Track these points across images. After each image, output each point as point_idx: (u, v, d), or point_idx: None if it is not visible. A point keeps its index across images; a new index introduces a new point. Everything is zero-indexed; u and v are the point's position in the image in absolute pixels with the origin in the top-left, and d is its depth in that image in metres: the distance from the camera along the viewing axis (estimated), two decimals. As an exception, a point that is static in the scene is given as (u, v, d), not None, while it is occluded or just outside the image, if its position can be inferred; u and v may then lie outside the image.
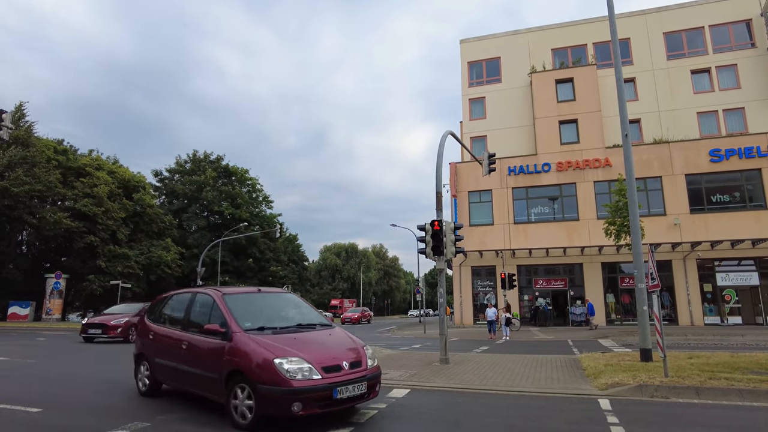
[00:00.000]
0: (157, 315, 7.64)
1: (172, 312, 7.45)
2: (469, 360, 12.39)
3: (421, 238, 12.18)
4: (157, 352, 7.12)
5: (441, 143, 13.05)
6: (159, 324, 7.40)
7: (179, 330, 6.79)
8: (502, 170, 30.24)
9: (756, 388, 7.17)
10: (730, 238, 26.01)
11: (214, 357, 5.86)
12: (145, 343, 7.54)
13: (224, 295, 6.50)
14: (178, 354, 6.53)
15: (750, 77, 30.13)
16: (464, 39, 36.00)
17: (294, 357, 5.36)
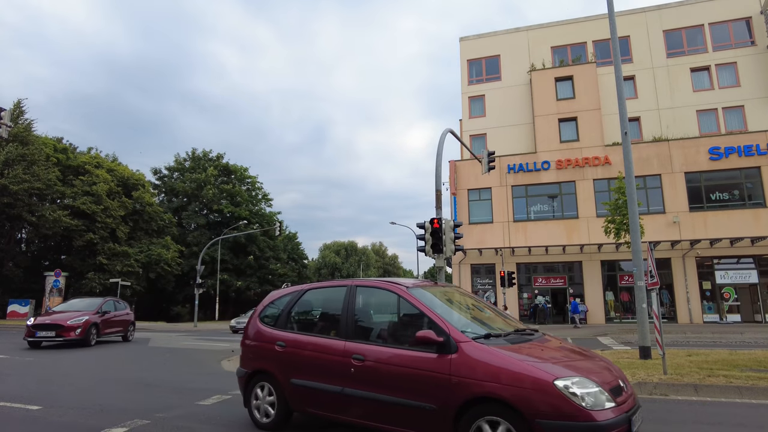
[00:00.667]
0: (285, 318, 5.69)
1: (317, 313, 5.83)
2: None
3: (420, 236, 12.20)
4: (294, 369, 5.20)
5: (440, 141, 13.05)
6: (291, 330, 5.56)
7: (339, 339, 4.97)
8: (502, 168, 30.22)
9: (754, 385, 7.19)
10: (729, 236, 26.03)
11: (425, 378, 4.20)
12: (266, 356, 5.50)
13: (410, 289, 4.89)
14: (342, 373, 4.77)
15: (750, 75, 30.11)
16: (464, 37, 35.95)
17: (576, 377, 3.79)
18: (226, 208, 51.37)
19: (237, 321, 26.80)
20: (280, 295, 6.09)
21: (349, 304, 5.11)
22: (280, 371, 5.31)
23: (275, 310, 5.90)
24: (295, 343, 5.32)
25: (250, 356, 5.78)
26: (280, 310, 5.80)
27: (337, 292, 5.44)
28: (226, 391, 7.87)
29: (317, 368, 5.01)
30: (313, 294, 5.93)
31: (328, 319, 5.51)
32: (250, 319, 6.05)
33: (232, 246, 49.99)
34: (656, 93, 31.41)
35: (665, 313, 27.34)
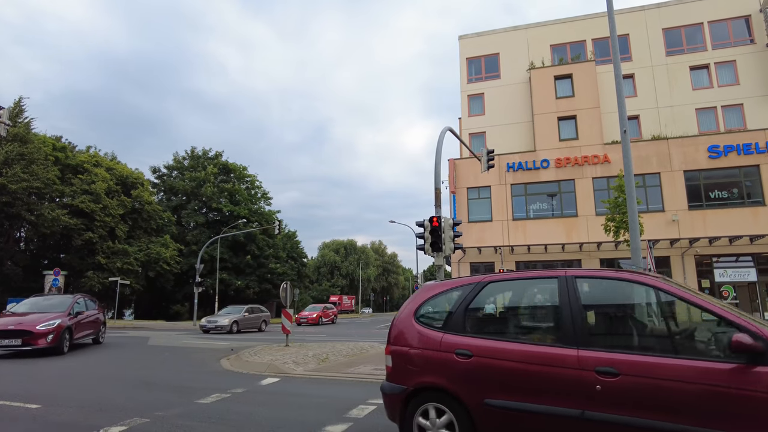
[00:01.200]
0: (461, 318, 4.43)
1: (515, 313, 4.74)
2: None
3: (419, 235, 12.21)
4: (491, 385, 4.01)
5: (440, 140, 13.05)
6: (477, 335, 4.31)
7: (565, 347, 3.84)
8: (501, 166, 30.20)
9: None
10: (728, 234, 26.04)
11: (726, 397, 3.26)
12: (439, 368, 4.25)
13: (667, 281, 3.98)
14: (580, 391, 3.68)
15: (749, 73, 30.11)
16: (463, 35, 35.91)
17: None
18: (225, 207, 51.36)
19: (208, 320, 25.34)
20: (443, 288, 4.77)
21: (570, 301, 4.02)
22: (465, 388, 4.09)
23: (439, 308, 4.72)
24: (489, 352, 4.08)
25: (409, 368, 4.42)
26: (450, 308, 4.56)
27: (543, 286, 4.48)
28: (226, 389, 7.87)
29: (533, 385, 3.84)
30: (498, 288, 4.75)
31: (538, 321, 4.49)
32: (400, 319, 4.71)
33: (231, 245, 49.98)
34: (655, 91, 31.41)
35: (665, 311, 27.36)
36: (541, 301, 4.54)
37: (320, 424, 5.64)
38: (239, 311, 26.57)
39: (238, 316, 25.72)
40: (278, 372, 9.96)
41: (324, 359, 11.63)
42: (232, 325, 24.68)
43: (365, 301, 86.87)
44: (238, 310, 27.02)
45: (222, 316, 25.47)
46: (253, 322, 26.83)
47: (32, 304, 14.34)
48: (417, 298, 4.82)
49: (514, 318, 4.72)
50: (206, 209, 53.41)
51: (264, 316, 28.20)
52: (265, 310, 29.14)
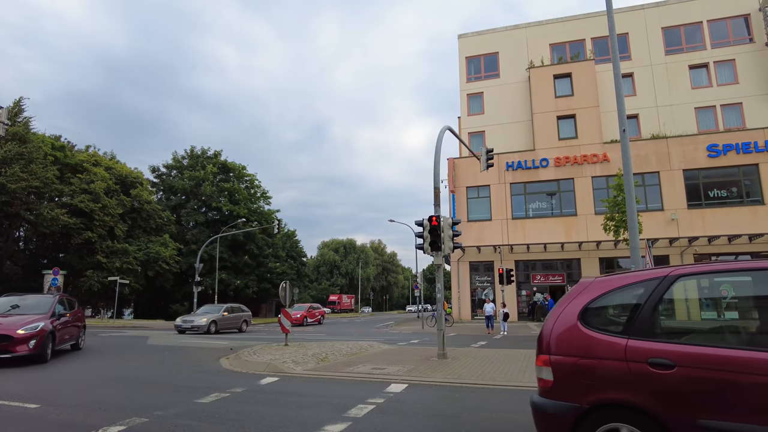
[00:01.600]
0: (647, 319, 3.60)
1: (726, 314, 4.01)
2: (467, 355, 12.44)
3: (418, 234, 12.20)
4: (710, 403, 3.23)
5: (439, 139, 13.04)
6: (672, 340, 3.54)
7: None
8: (500, 166, 30.22)
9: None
10: (727, 233, 26.09)
11: None
12: (625, 381, 3.47)
13: None
14: None
15: (748, 72, 30.14)
16: (462, 34, 35.92)
17: None
18: (224, 206, 51.33)
19: (183, 320, 23.78)
20: (616, 284, 3.86)
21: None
22: (667, 406, 3.31)
23: (615, 309, 3.93)
24: (699, 360, 3.28)
25: (583, 382, 3.63)
26: (632, 308, 3.72)
27: (755, 278, 3.66)
28: (225, 389, 7.87)
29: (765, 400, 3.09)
30: (693, 283, 3.86)
31: (759, 321, 3.71)
32: (559, 322, 3.90)
33: (230, 244, 49.96)
34: (655, 90, 31.42)
35: (663, 310, 27.39)
36: (754, 297, 3.78)
37: (319, 424, 5.64)
38: (218, 310, 24.93)
39: (216, 315, 24.06)
40: (277, 371, 9.96)
41: (323, 358, 11.63)
42: (210, 325, 23.01)
43: (365, 300, 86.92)
44: (216, 309, 25.41)
45: (199, 316, 23.87)
46: (232, 322, 25.32)
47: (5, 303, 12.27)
48: (580, 297, 3.91)
49: (723, 319, 3.94)
50: (205, 208, 53.37)
51: (245, 315, 26.63)
52: (246, 310, 27.57)
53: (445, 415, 6.34)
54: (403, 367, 10.28)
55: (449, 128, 13.81)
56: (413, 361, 11.13)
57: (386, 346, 15.12)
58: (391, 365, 10.54)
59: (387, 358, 11.94)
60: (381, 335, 22.86)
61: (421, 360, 11.37)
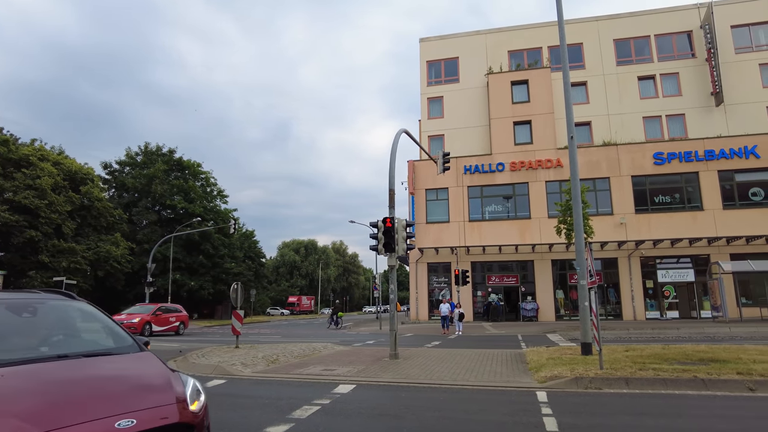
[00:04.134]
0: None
1: None
2: (419, 355, 12.57)
3: (373, 235, 12.26)
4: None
5: (394, 142, 13.14)
6: None
7: None
8: (459, 169, 30.72)
9: (678, 377, 7.64)
10: (670, 237, 27.42)
11: None
12: None
13: None
14: None
15: (690, 85, 31.78)
16: (424, 38, 36.29)
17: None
18: (179, 204, 49.89)
19: None
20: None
21: None
22: None
23: None
24: None
25: None
26: None
27: None
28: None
29: None
30: None
31: None
32: None
33: (185, 244, 48.62)
34: (606, 99, 32.69)
35: (612, 311, 28.54)
36: None
37: (262, 425, 5.58)
38: (148, 311, 23.56)
39: (147, 316, 22.74)
40: (225, 374, 9.79)
41: (274, 360, 11.51)
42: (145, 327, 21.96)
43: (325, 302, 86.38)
44: (146, 309, 23.88)
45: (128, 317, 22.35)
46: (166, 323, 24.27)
47: None
48: None
49: None
50: (159, 207, 51.72)
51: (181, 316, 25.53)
52: (182, 310, 26.22)
53: (389, 414, 6.39)
54: (354, 368, 10.29)
55: (405, 131, 13.94)
56: (365, 362, 11.16)
57: (340, 348, 15.08)
58: (342, 366, 10.53)
59: (339, 359, 11.92)
60: (337, 336, 22.80)
61: (372, 361, 11.41)
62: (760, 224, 26.62)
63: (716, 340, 15.77)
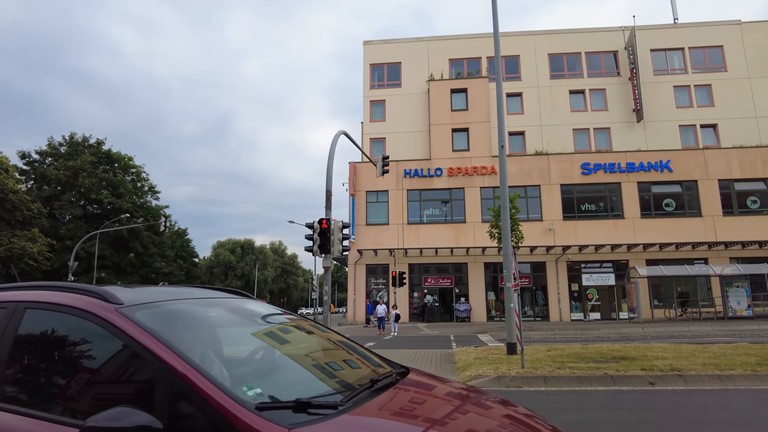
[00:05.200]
0: None
1: None
2: (353, 356, 12.62)
3: (309, 236, 12.20)
4: None
5: (333, 143, 13.16)
6: None
7: None
8: (399, 172, 31.16)
9: (591, 374, 8.19)
10: (594, 243, 29.19)
11: None
12: None
13: None
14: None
15: (615, 101, 34.03)
16: (368, 41, 36.51)
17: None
18: (106, 199, 47.10)
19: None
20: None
21: None
22: None
23: None
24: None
25: None
26: None
27: None
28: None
29: None
30: None
31: None
32: None
33: (112, 241, 46.00)
34: (540, 110, 34.30)
35: (540, 312, 29.96)
36: None
37: None
38: None
39: None
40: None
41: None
42: None
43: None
44: None
45: None
46: None
47: None
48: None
49: None
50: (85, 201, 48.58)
51: None
52: None
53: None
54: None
55: (344, 133, 13.99)
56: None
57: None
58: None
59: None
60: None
61: (305, 362, 11.34)
62: (671, 232, 28.94)
63: (630, 340, 16.96)
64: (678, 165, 30.10)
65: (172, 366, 1.76)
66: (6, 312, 2.18)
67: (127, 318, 1.95)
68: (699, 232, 29.06)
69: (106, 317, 1.96)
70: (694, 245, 28.77)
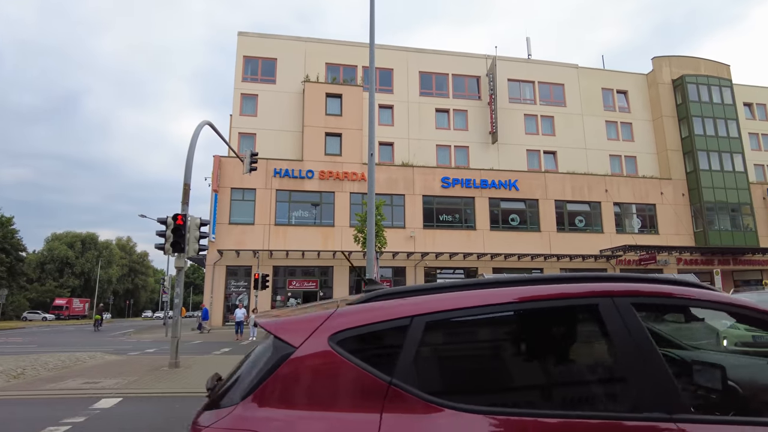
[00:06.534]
0: None
1: None
2: (204, 363, 11.89)
3: (160, 233, 11.21)
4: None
5: (195, 133, 12.31)
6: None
7: None
8: (269, 171, 30.29)
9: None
10: (450, 251, 31.39)
11: None
12: None
13: None
14: None
15: (475, 123, 37.11)
16: (243, 32, 35.00)
17: None
18: None
19: None
20: None
21: None
22: None
23: None
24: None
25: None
26: None
27: None
28: None
29: None
30: None
31: None
32: None
33: None
34: (408, 124, 35.99)
35: (398, 316, 31.22)
36: None
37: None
38: None
39: None
40: (-59, 394, 7.78)
41: (18, 375, 9.58)
42: None
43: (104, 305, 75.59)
44: None
45: None
46: None
47: None
48: None
49: None
50: None
51: None
52: None
53: (155, 428, 5.87)
54: (124, 379, 9.20)
55: (209, 123, 13.18)
56: (138, 372, 10.07)
57: (112, 357, 13.35)
58: (110, 378, 9.32)
59: (108, 370, 10.53)
60: (112, 344, 20.19)
61: (148, 371, 10.36)
62: (514, 244, 32.37)
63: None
64: (523, 185, 33.81)
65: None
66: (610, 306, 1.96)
67: None
68: (537, 245, 32.93)
69: None
70: (533, 256, 32.48)
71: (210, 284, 29.43)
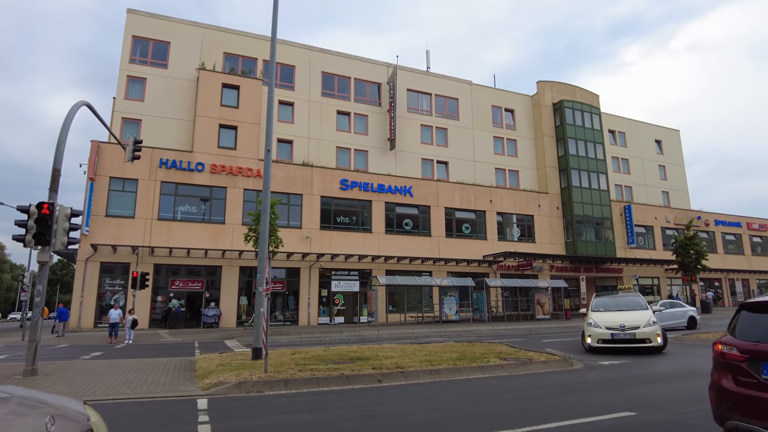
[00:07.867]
0: None
1: None
2: (70, 369, 10.71)
3: (21, 222, 9.91)
4: None
5: (70, 113, 11.08)
6: None
7: None
8: (153, 161, 28.17)
9: (329, 375, 8.74)
10: (345, 253, 31.57)
11: None
12: None
13: None
14: None
15: (375, 128, 37.80)
16: (133, 9, 32.17)
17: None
18: None
19: None
20: None
21: None
22: None
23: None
24: None
25: None
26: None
27: None
28: None
29: None
30: None
31: None
32: None
33: None
34: (309, 123, 35.63)
35: (290, 317, 30.71)
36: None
37: None
38: None
39: None
40: None
41: None
42: None
43: (-60, 304, 64.73)
44: None
45: None
46: None
47: None
48: None
49: None
50: None
51: None
52: None
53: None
54: (-35, 389, 7.94)
55: (88, 104, 11.94)
56: (-16, 382, 8.77)
57: (-51, 364, 11.49)
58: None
59: (-57, 379, 9.04)
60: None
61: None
62: (407, 248, 33.49)
63: (367, 341, 18.80)
64: (417, 191, 35.12)
65: None
66: None
67: None
68: (428, 249, 34.37)
69: None
70: (423, 260, 33.83)
71: (81, 282, 26.58)
